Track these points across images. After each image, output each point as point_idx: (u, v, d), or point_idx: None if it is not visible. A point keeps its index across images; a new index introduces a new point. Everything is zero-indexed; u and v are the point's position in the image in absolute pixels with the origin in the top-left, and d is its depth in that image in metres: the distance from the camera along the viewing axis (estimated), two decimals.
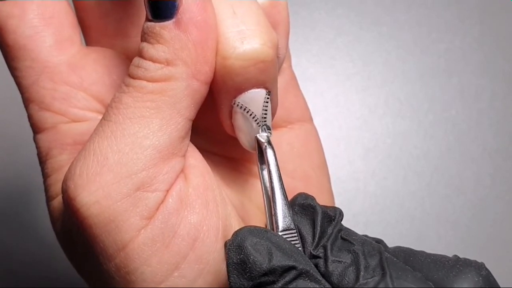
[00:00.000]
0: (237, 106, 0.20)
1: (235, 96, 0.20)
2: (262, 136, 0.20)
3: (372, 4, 0.47)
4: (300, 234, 0.19)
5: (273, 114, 0.21)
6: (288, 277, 0.17)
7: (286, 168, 0.23)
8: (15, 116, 0.35)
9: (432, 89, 0.45)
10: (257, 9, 0.20)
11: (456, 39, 0.46)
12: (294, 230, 0.19)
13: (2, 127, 0.42)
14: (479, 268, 0.18)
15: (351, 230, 0.20)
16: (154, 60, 0.19)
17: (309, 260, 0.18)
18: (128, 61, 0.20)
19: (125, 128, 0.18)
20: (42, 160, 0.22)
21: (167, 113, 0.19)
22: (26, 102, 0.22)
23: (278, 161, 0.20)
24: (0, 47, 0.22)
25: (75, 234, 0.19)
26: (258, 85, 0.19)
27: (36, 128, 0.22)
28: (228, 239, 0.18)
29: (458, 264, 0.18)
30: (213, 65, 0.19)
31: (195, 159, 0.20)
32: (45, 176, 0.22)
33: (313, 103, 0.25)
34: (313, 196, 0.20)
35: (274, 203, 0.19)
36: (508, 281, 0.39)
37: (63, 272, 0.38)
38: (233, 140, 0.21)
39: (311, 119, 0.25)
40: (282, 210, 0.19)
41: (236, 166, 0.24)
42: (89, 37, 0.23)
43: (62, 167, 0.21)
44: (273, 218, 0.19)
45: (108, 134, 0.18)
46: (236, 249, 0.18)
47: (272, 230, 0.19)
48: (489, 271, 0.18)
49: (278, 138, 0.24)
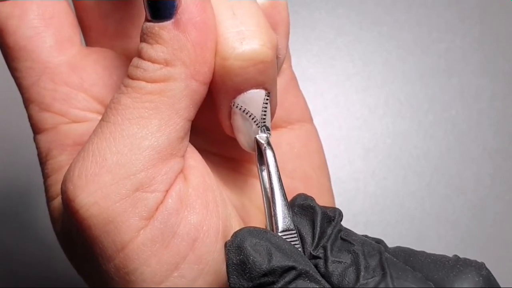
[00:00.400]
0: (236, 107, 0.20)
1: (234, 97, 0.20)
2: (261, 137, 0.20)
3: (372, 4, 0.47)
4: (299, 235, 0.19)
5: (272, 115, 0.21)
6: (288, 277, 0.17)
7: (286, 168, 0.23)
8: (16, 116, 0.35)
9: (432, 89, 0.45)
10: (256, 9, 0.20)
11: (456, 39, 0.46)
12: (294, 230, 0.19)
13: (3, 128, 0.42)
14: (480, 268, 0.18)
15: (351, 230, 0.20)
16: (153, 61, 0.18)
17: (308, 260, 0.18)
18: (128, 61, 0.19)
19: (123, 129, 0.18)
20: (42, 160, 0.22)
21: (165, 113, 0.18)
22: (27, 102, 0.22)
23: (278, 161, 0.20)
24: (0, 47, 0.22)
25: (75, 234, 0.19)
26: (257, 85, 0.19)
27: (36, 129, 0.22)
28: (228, 239, 0.19)
29: (458, 264, 0.18)
30: (212, 65, 0.19)
31: (195, 160, 0.20)
32: (45, 176, 0.22)
33: (313, 103, 0.25)
34: (312, 197, 0.20)
35: (274, 204, 0.19)
36: (508, 281, 0.39)
37: (63, 272, 0.38)
38: (232, 140, 0.21)
39: (311, 120, 0.25)
40: (282, 211, 0.19)
41: (236, 167, 0.23)
42: (89, 37, 0.23)
43: (62, 168, 0.21)
44: (272, 219, 0.19)
45: (107, 135, 0.18)
46: (236, 250, 0.18)
47: (272, 231, 0.19)
48: (489, 271, 0.18)
49: (278, 138, 0.23)
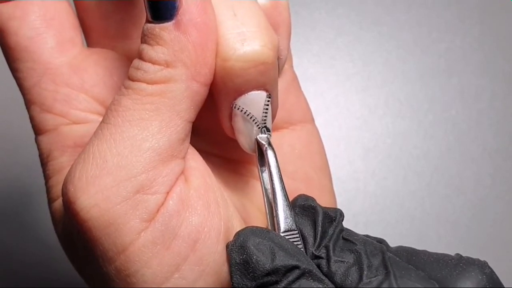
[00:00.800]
0: (237, 109, 0.20)
1: (235, 98, 0.19)
2: (262, 137, 0.20)
3: (372, 4, 0.47)
4: (301, 235, 0.19)
5: (273, 116, 0.21)
6: (291, 276, 0.17)
7: (287, 169, 0.23)
8: (17, 117, 0.35)
9: (432, 89, 0.45)
10: (257, 10, 0.19)
11: (456, 39, 0.46)
12: (296, 231, 0.19)
13: (4, 128, 0.42)
14: (483, 266, 0.18)
15: (352, 230, 0.20)
16: (153, 62, 0.18)
17: (311, 260, 0.18)
18: (129, 62, 0.19)
19: (124, 131, 0.18)
20: (44, 161, 0.22)
21: (166, 115, 0.18)
22: (28, 103, 0.22)
23: (279, 162, 0.20)
24: (1, 48, 0.22)
25: (76, 236, 0.19)
26: (258, 87, 0.19)
27: (37, 130, 0.22)
28: (230, 240, 0.18)
29: (461, 262, 0.18)
30: (213, 66, 0.19)
31: (196, 161, 0.20)
32: (46, 177, 0.22)
33: (313, 104, 0.25)
34: (313, 198, 0.20)
35: (276, 204, 0.19)
36: (508, 281, 0.39)
37: (64, 273, 0.38)
38: (233, 141, 0.21)
39: (312, 120, 0.25)
40: (284, 211, 0.19)
41: (237, 168, 0.23)
42: (90, 38, 0.23)
43: (63, 169, 0.21)
44: (274, 219, 0.19)
45: (107, 137, 0.18)
46: (239, 249, 0.18)
47: (274, 231, 0.19)
48: (492, 270, 0.18)
49: (279, 139, 0.23)
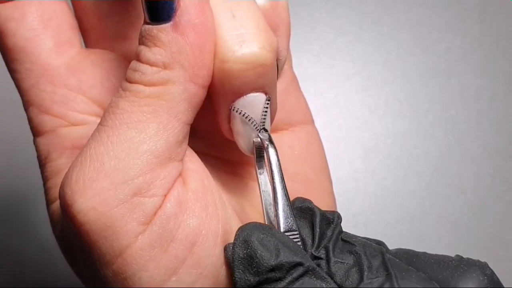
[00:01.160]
0: (235, 111, 0.20)
1: (234, 100, 0.19)
2: (263, 135, 0.20)
3: (372, 4, 0.47)
4: (300, 237, 0.19)
5: (272, 118, 0.20)
6: (295, 274, 0.17)
7: (287, 171, 0.23)
8: (15, 118, 0.35)
9: (432, 89, 0.45)
10: (256, 12, 0.19)
11: (456, 39, 0.46)
12: (296, 231, 0.19)
13: (2, 130, 0.42)
14: (483, 267, 0.18)
15: (350, 233, 0.20)
16: (151, 64, 0.18)
17: (312, 260, 0.18)
18: (127, 63, 0.19)
19: (121, 133, 0.18)
20: (42, 163, 0.21)
21: (164, 117, 0.18)
22: (26, 105, 0.21)
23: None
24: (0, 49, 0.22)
25: (73, 239, 0.19)
26: (256, 89, 0.19)
27: (35, 132, 0.21)
28: (228, 242, 0.18)
29: (462, 264, 0.18)
30: (211, 68, 0.19)
31: (194, 163, 0.20)
32: (44, 179, 0.22)
33: (313, 104, 0.25)
34: (310, 200, 0.20)
35: (276, 204, 0.19)
36: (508, 281, 0.39)
37: (62, 274, 0.38)
38: (232, 143, 0.21)
39: (312, 121, 0.25)
40: (284, 211, 0.19)
41: (236, 170, 0.23)
42: (88, 39, 0.23)
43: (61, 171, 0.21)
44: (275, 219, 0.19)
45: (105, 140, 0.18)
46: (243, 243, 0.17)
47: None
48: (492, 271, 0.18)
49: (279, 141, 0.23)
